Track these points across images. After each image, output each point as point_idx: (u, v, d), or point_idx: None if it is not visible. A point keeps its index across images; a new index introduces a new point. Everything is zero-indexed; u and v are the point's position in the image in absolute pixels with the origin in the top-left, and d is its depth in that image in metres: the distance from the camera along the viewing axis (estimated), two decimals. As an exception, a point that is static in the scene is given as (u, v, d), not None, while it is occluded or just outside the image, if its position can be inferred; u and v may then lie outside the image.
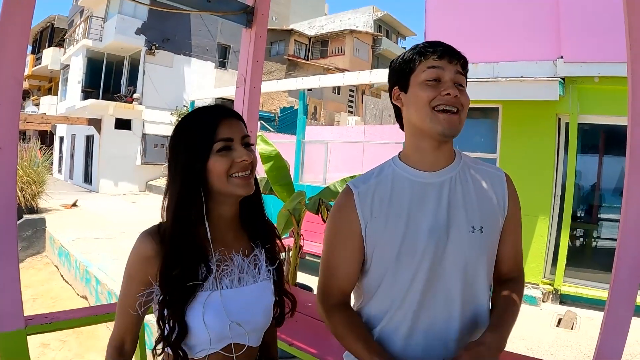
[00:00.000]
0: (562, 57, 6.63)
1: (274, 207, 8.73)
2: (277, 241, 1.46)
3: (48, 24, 30.10)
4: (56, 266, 9.98)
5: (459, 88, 1.29)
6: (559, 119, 6.91)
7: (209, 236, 1.29)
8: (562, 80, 6.56)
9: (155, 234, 1.27)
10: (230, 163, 1.26)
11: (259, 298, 1.32)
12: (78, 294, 8.30)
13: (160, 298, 1.23)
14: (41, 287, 8.88)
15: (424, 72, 1.30)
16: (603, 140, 7.04)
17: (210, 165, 1.25)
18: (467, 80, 1.36)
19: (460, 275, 1.30)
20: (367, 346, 1.28)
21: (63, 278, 9.29)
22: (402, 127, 1.44)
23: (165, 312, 1.22)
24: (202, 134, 1.26)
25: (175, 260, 1.22)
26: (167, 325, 1.22)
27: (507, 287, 1.40)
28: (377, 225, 1.33)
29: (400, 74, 1.36)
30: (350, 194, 1.38)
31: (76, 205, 14.71)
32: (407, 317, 1.32)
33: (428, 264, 1.28)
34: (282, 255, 1.54)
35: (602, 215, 7.11)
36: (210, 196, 1.30)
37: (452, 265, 1.29)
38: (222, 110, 1.32)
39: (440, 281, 1.30)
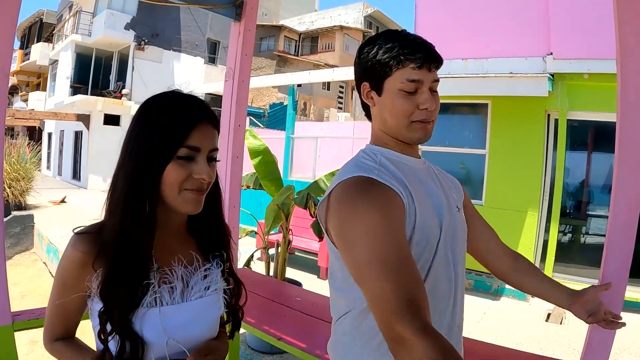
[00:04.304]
0: (551, 54, 6.65)
1: (262, 202, 8.73)
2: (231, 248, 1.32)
3: (37, 19, 29.79)
4: (45, 263, 9.89)
5: (433, 95, 1.25)
6: (548, 115, 6.92)
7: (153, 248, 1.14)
8: (551, 77, 6.58)
9: (93, 236, 1.12)
10: (187, 175, 1.11)
11: (204, 313, 1.19)
12: (67, 291, 8.22)
13: (102, 310, 1.09)
14: (30, 283, 8.80)
15: (402, 83, 1.21)
16: (592, 137, 7.07)
17: (166, 170, 1.10)
18: (456, 76, 1.37)
19: (464, 251, 1.38)
20: None
21: (52, 275, 9.20)
22: (369, 118, 1.38)
23: (108, 327, 1.09)
24: (172, 132, 1.10)
25: (120, 275, 1.08)
26: (112, 340, 1.09)
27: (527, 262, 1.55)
28: (413, 204, 1.20)
29: (373, 74, 1.26)
30: (372, 180, 1.18)
31: (65, 202, 14.61)
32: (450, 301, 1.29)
33: (450, 241, 1.29)
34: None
35: (590, 212, 7.15)
36: (159, 201, 1.14)
37: (460, 241, 1.35)
38: (202, 112, 1.14)
39: (456, 261, 1.30)
